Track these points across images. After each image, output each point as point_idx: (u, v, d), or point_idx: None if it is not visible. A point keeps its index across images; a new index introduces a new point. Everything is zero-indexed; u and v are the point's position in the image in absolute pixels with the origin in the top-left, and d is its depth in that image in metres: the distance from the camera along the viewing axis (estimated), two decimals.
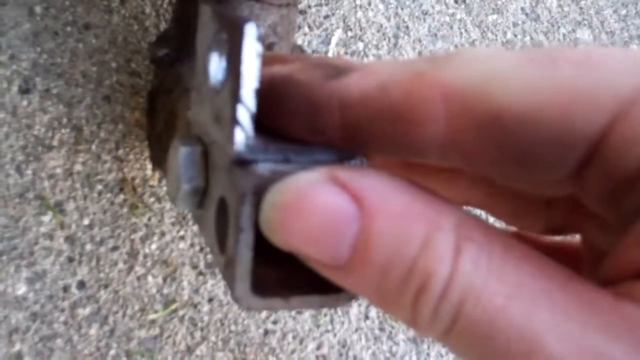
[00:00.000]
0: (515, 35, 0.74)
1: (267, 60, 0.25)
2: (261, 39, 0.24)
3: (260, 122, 0.25)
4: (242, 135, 0.25)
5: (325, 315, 0.61)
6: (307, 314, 0.60)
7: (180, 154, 0.31)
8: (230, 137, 0.25)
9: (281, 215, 0.23)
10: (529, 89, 0.21)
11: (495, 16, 0.74)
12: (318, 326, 0.61)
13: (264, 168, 0.25)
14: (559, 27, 0.76)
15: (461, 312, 0.20)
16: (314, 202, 0.22)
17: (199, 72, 0.30)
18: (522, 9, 0.75)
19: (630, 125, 0.20)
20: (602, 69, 0.21)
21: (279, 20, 0.53)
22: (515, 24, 0.74)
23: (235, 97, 0.25)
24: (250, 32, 0.24)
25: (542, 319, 0.19)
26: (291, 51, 0.56)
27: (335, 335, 0.62)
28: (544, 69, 0.21)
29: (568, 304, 0.20)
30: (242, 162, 0.25)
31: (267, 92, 0.25)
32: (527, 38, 0.74)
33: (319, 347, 0.61)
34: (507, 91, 0.21)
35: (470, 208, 0.28)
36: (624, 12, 0.80)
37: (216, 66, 0.27)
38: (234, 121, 0.25)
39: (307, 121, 0.25)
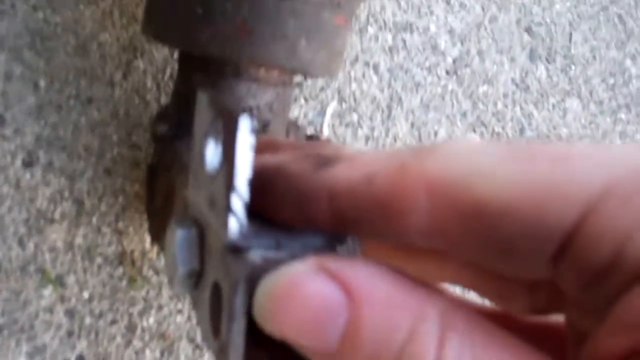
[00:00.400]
0: (506, 106, 0.75)
1: (259, 145, 0.27)
2: (254, 131, 0.25)
3: (252, 207, 0.26)
4: (236, 224, 0.26)
5: None
6: None
7: (177, 237, 0.32)
8: (224, 224, 0.26)
9: (273, 305, 0.23)
10: (509, 184, 0.22)
11: (485, 87, 0.75)
12: None
13: (256, 255, 0.25)
14: (548, 97, 0.78)
15: None
16: (305, 293, 0.23)
17: (195, 157, 0.31)
18: (512, 79, 0.77)
19: (598, 220, 0.21)
20: (576, 165, 0.22)
21: (275, 98, 0.55)
22: (505, 95, 0.76)
23: (229, 187, 0.26)
24: (244, 125, 0.25)
25: None
26: (286, 127, 0.57)
27: None
28: (522, 164, 0.22)
29: None
30: (235, 249, 0.26)
31: (259, 181, 0.26)
32: (517, 108, 0.76)
33: None
34: (488, 186, 0.22)
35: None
36: (611, 81, 0.81)
37: (212, 152, 0.29)
38: (228, 210, 0.26)
39: (298, 209, 0.26)
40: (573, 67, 0.81)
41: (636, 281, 0.21)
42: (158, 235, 0.57)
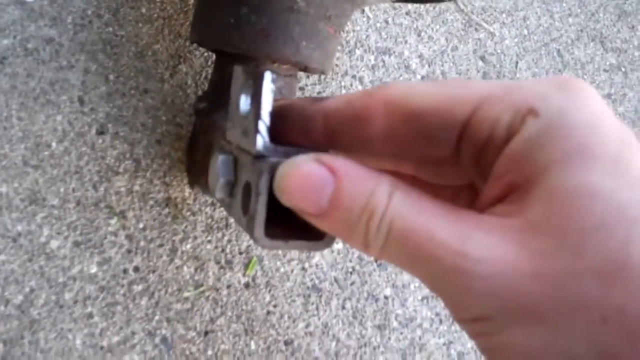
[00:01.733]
0: None
1: (277, 100, 0.36)
2: (274, 81, 0.35)
3: (274, 134, 0.35)
4: (261, 140, 0.35)
5: (313, 303, 0.79)
6: (299, 301, 0.78)
7: (219, 159, 0.49)
8: (254, 142, 0.35)
9: (285, 181, 0.31)
10: (430, 96, 0.30)
11: None
12: (307, 311, 0.77)
13: (274, 159, 0.34)
14: None
15: (392, 227, 0.28)
16: (304, 171, 0.30)
17: (232, 108, 0.42)
18: None
19: (481, 112, 0.29)
20: (471, 86, 0.30)
21: (284, 85, 0.69)
22: None
23: (257, 115, 0.35)
24: (268, 76, 0.35)
25: (434, 223, 0.27)
26: None
27: (319, 318, 0.76)
28: (440, 87, 0.31)
29: (449, 217, 0.28)
30: (261, 157, 0.35)
31: (277, 114, 0.35)
32: None
33: (307, 326, 0.77)
34: (419, 98, 0.30)
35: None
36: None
37: (244, 102, 0.39)
38: (256, 131, 0.35)
39: (303, 130, 0.35)
40: None
41: (503, 148, 0.28)
42: (196, 182, 0.73)
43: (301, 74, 0.81)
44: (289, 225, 0.39)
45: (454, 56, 0.96)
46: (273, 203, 0.37)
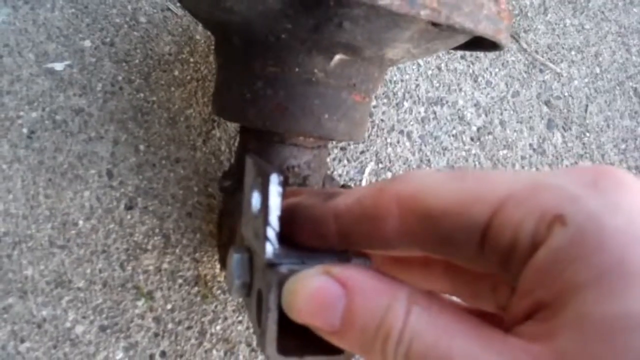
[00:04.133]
0: (523, 167, 0.86)
1: (287, 193, 0.35)
2: (282, 184, 0.33)
3: (285, 235, 0.34)
4: (271, 248, 0.34)
5: None
6: None
7: (233, 259, 0.46)
8: (263, 248, 0.34)
9: (293, 298, 0.30)
10: (446, 195, 0.29)
11: (505, 151, 0.86)
12: None
13: (284, 268, 0.33)
14: (562, 160, 0.87)
15: (411, 349, 0.26)
16: (313, 287, 0.29)
17: (245, 203, 0.39)
18: (530, 144, 0.86)
19: (502, 216, 0.27)
20: (490, 182, 0.28)
21: (312, 158, 0.65)
22: (523, 157, 0.86)
23: (265, 223, 0.34)
24: (274, 179, 0.33)
25: (456, 346, 0.26)
26: (323, 180, 0.69)
27: None
28: (456, 182, 0.29)
29: (473, 337, 0.26)
30: (271, 265, 0.34)
31: (286, 215, 0.34)
32: (533, 169, 0.86)
33: None
34: (433, 197, 0.29)
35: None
36: (623, 146, 0.91)
37: (256, 199, 0.37)
38: (265, 238, 0.34)
39: (313, 231, 0.34)
40: (587, 134, 0.90)
41: (529, 258, 0.27)
42: (225, 264, 0.71)
43: None
44: (305, 337, 0.36)
45: (515, 103, 0.89)
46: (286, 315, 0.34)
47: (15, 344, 0.69)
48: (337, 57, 0.59)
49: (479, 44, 0.63)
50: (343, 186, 0.73)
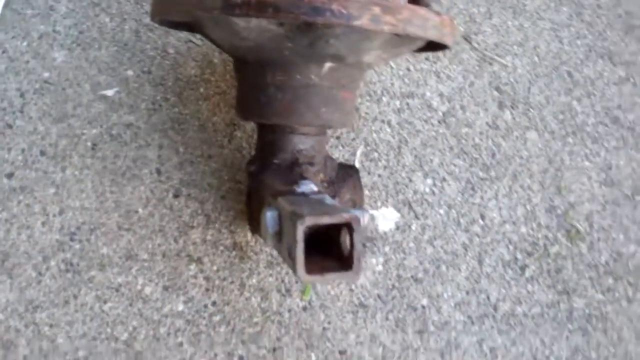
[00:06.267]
0: (481, 140, 1.06)
1: None
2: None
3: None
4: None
5: (360, 318, 0.94)
6: (349, 317, 0.94)
7: (267, 215, 0.67)
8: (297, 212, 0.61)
9: None
10: None
11: (467, 129, 1.07)
12: (356, 324, 0.92)
13: (306, 211, 0.59)
14: (512, 132, 1.07)
15: None
16: None
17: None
18: (487, 122, 1.06)
19: None
20: None
21: (316, 143, 0.85)
22: (481, 133, 1.06)
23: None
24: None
25: None
26: (324, 159, 0.87)
27: (367, 329, 0.91)
28: None
29: None
30: (295, 213, 0.58)
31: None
32: (490, 141, 1.05)
33: (357, 337, 0.91)
34: None
35: None
36: (561, 117, 1.12)
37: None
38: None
39: None
40: (532, 110, 1.11)
41: None
42: (255, 231, 0.90)
43: None
44: (323, 263, 0.57)
45: (472, 91, 1.11)
46: (310, 245, 0.56)
47: (100, 305, 0.90)
48: (327, 64, 0.79)
49: (433, 46, 0.84)
50: (342, 164, 0.93)
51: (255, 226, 0.88)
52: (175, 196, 0.96)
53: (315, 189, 0.77)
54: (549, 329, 0.97)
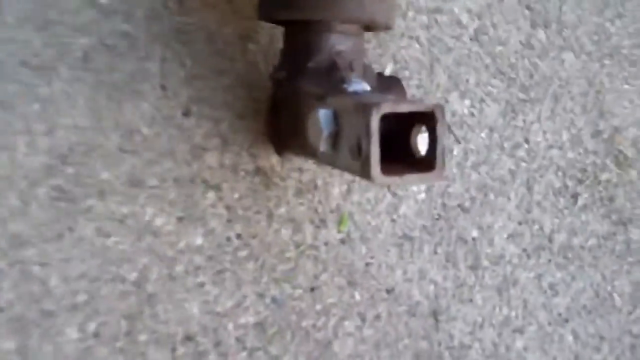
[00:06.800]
0: (517, 59, 0.97)
1: None
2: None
3: None
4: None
5: (406, 252, 0.83)
6: (393, 251, 0.82)
7: (321, 114, 0.55)
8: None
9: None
10: None
11: (500, 47, 0.97)
12: (402, 259, 0.82)
13: (377, 99, 0.48)
14: (548, 52, 0.99)
15: None
16: None
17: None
18: (520, 41, 0.99)
19: None
20: None
21: (354, 44, 0.75)
22: (516, 52, 0.97)
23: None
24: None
25: None
26: (363, 66, 0.79)
27: (415, 265, 0.82)
28: None
29: None
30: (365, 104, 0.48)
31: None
32: (526, 61, 0.97)
33: (404, 273, 0.83)
34: None
35: None
36: (595, 38, 1.03)
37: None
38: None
39: None
40: (565, 29, 1.03)
41: None
42: (284, 148, 0.78)
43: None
44: (401, 163, 0.44)
45: (501, 8, 1.00)
46: (383, 142, 0.44)
47: (102, 240, 0.75)
48: None
49: None
50: (379, 73, 0.82)
51: (283, 144, 0.79)
52: (185, 115, 0.82)
53: (368, 88, 0.66)
54: (608, 262, 0.87)
